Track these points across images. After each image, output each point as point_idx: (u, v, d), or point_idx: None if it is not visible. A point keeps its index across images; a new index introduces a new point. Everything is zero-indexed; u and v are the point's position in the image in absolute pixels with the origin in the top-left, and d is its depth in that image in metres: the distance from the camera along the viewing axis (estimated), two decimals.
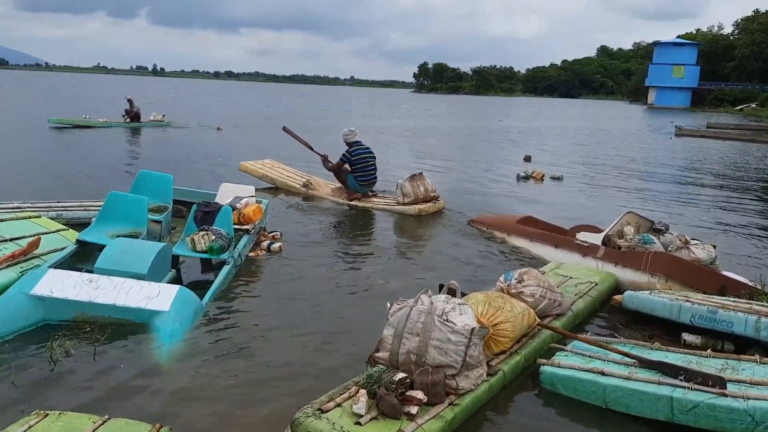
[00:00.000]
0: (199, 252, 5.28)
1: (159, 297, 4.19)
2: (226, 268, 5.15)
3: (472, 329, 3.31)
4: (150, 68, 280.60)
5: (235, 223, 5.80)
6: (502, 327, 3.71)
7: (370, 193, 9.04)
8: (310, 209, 8.65)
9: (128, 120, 19.61)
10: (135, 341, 3.96)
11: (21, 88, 51.97)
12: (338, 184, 9.19)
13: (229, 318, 4.49)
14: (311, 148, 9.56)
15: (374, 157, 9.02)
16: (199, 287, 4.86)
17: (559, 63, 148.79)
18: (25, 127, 17.56)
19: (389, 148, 17.58)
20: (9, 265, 4.43)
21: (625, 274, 5.44)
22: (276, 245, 6.20)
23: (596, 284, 5.12)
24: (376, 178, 9.05)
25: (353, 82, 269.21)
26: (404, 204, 8.37)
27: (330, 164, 9.09)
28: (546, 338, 4.10)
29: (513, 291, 4.19)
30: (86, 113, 19.64)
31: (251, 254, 5.96)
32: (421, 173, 8.69)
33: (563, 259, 5.92)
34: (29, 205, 6.57)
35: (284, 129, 10.08)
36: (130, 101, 20.00)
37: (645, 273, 5.26)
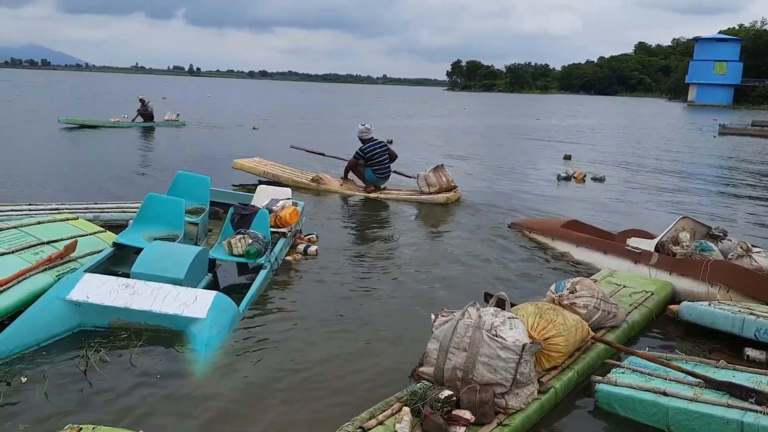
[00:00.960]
0: (235, 256, 5.18)
1: (195, 303, 4.08)
2: (262, 273, 5.03)
3: (524, 345, 3.10)
4: (186, 68, 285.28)
5: (271, 226, 5.69)
6: (555, 341, 3.49)
7: (382, 187, 9.44)
8: (337, 208, 8.58)
9: (141, 119, 19.34)
10: (171, 349, 3.85)
11: (60, 88, 53.23)
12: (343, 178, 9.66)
13: (265, 325, 4.36)
14: (323, 154, 10.30)
15: (387, 152, 9.42)
16: (235, 291, 4.77)
17: (595, 60, 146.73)
18: (52, 127, 17.75)
19: (427, 148, 17.38)
20: (46, 269, 4.38)
21: (681, 283, 5.14)
22: (312, 248, 6.06)
23: (652, 294, 4.85)
24: (390, 171, 9.52)
25: (385, 80, 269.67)
26: (431, 193, 8.87)
27: (350, 162, 9.53)
28: (600, 353, 3.86)
29: (565, 302, 3.96)
30: (124, 113, 19.81)
31: (288, 258, 5.84)
32: (442, 165, 9.24)
33: (612, 266, 5.64)
34: (67, 206, 6.57)
35: (292, 147, 10.82)
36: (142, 101, 19.74)
37: (704, 282, 4.96)
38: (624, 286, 4.98)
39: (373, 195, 9.15)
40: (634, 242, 5.76)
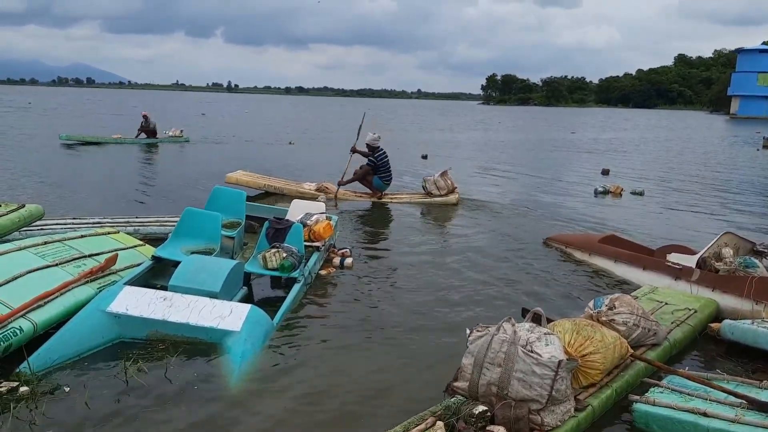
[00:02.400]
0: (270, 270, 5.23)
1: (231, 316, 4.13)
2: (296, 287, 5.07)
3: (560, 362, 3.04)
4: (224, 85, 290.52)
5: (305, 240, 5.73)
6: (592, 358, 3.41)
7: (385, 192, 10.16)
8: (361, 219, 8.65)
9: (139, 135, 18.93)
10: (206, 361, 3.90)
11: (103, 105, 54.76)
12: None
13: (299, 338, 4.39)
14: (356, 171, 10.34)
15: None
16: (269, 304, 4.80)
17: (633, 72, 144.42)
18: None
19: (462, 161, 17.36)
20: (88, 281, 4.49)
21: (725, 301, 4.98)
22: (348, 261, 6.10)
23: (695, 311, 4.71)
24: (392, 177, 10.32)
25: (420, 94, 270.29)
26: (441, 196, 9.87)
27: (361, 151, 10.22)
28: (639, 371, 3.76)
29: (603, 318, 3.87)
30: (166, 130, 20.19)
31: (321, 272, 5.87)
32: (447, 170, 10.16)
33: (652, 282, 5.51)
34: (108, 220, 6.74)
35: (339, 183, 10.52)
36: (145, 117, 19.30)
37: (748, 300, 4.79)
38: (665, 303, 4.85)
39: (384, 200, 9.89)
40: (674, 258, 5.62)
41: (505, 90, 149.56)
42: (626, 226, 8.72)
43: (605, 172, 15.24)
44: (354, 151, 10.34)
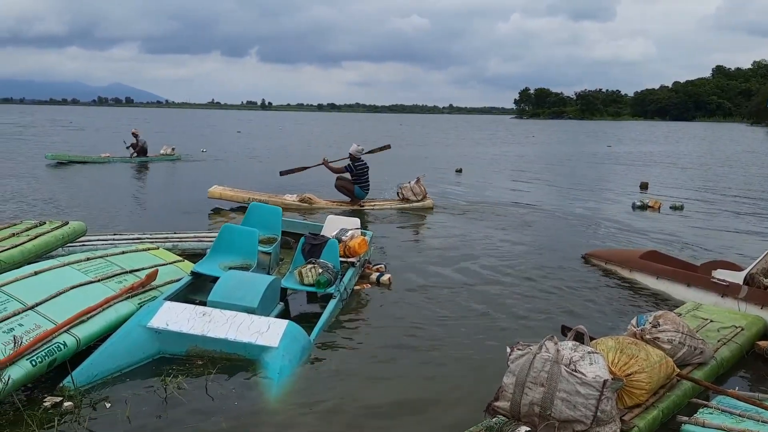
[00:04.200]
0: (306, 285, 5.25)
1: (268, 332, 4.14)
2: (332, 302, 5.07)
3: (605, 381, 2.96)
4: (258, 103, 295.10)
5: (340, 256, 5.73)
6: (637, 378, 3.31)
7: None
8: (392, 233, 8.70)
9: (134, 155, 18.69)
10: (245, 377, 3.91)
11: (145, 123, 56.09)
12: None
13: (336, 355, 4.37)
14: (308, 167, 11.34)
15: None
16: (306, 320, 4.81)
17: (670, 85, 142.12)
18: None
19: (495, 174, 17.26)
20: (129, 297, 4.56)
21: None
22: (385, 277, 6.07)
23: (742, 329, 4.54)
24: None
25: (452, 109, 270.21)
26: (418, 201, 10.68)
27: (334, 167, 10.85)
28: (686, 391, 3.63)
29: (648, 336, 3.77)
30: (202, 147, 20.53)
31: (356, 287, 5.86)
32: (419, 178, 10.98)
33: (696, 299, 5.35)
34: (148, 236, 6.86)
35: (281, 173, 11.69)
36: (135, 135, 19.07)
37: None
38: (711, 321, 4.70)
39: (367, 207, 10.53)
40: (720, 274, 5.45)
41: (539, 104, 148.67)
42: (667, 242, 8.52)
43: (643, 186, 14.96)
44: (325, 164, 10.98)
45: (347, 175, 10.70)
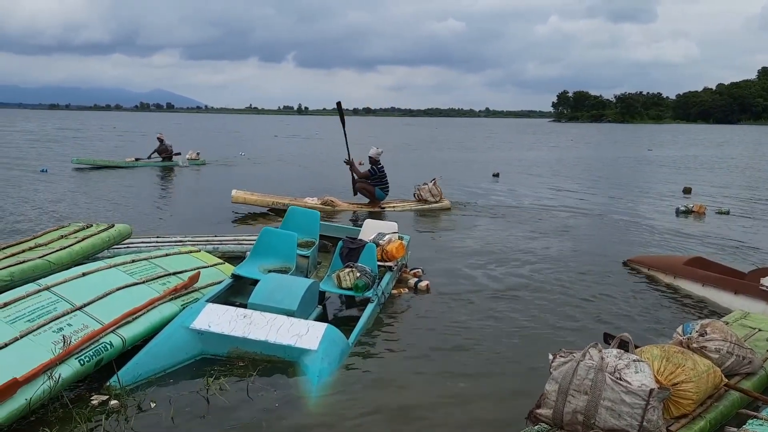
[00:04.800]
0: (344, 289, 5.27)
1: (308, 335, 4.17)
2: (370, 306, 5.08)
3: (651, 390, 2.89)
4: (295, 107, 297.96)
5: (378, 260, 5.74)
6: (684, 387, 3.22)
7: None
8: (427, 237, 8.71)
9: (160, 159, 18.86)
10: (285, 379, 3.95)
11: (181, 128, 57.26)
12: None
13: (374, 359, 4.38)
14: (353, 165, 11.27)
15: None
16: (343, 324, 4.82)
17: (713, 87, 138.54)
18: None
19: (534, 178, 17.07)
20: (172, 298, 4.65)
21: None
22: (423, 283, 6.04)
23: None
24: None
25: (488, 113, 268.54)
26: (436, 202, 10.97)
27: (359, 171, 11.15)
28: (735, 401, 3.52)
29: (694, 345, 3.67)
30: (241, 151, 20.82)
31: (393, 292, 5.86)
32: (438, 178, 11.44)
33: (745, 307, 5.19)
34: (190, 239, 6.99)
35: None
36: (160, 139, 19.17)
37: None
38: (759, 330, 4.54)
39: (387, 208, 10.76)
40: None
41: (577, 107, 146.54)
42: (712, 248, 8.29)
43: (687, 191, 14.59)
44: (348, 163, 11.19)
45: (368, 180, 11.05)
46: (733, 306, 5.36)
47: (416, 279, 6.16)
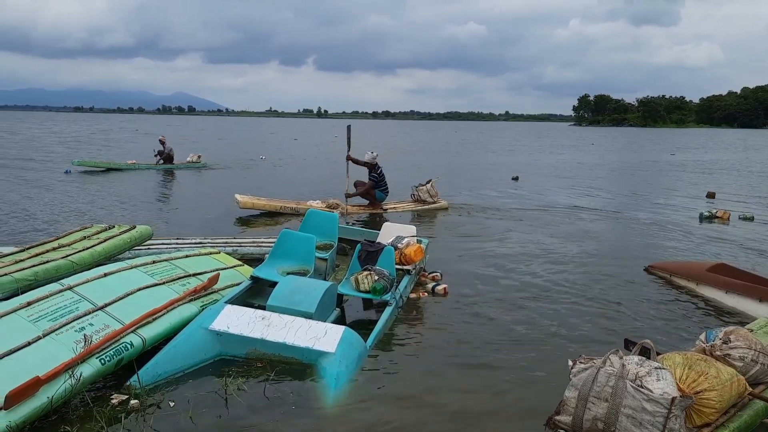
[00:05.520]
0: (362, 292, 5.27)
1: (326, 338, 4.17)
2: (388, 310, 5.07)
3: (673, 398, 2.84)
4: (315, 111, 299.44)
5: (396, 263, 5.73)
6: (707, 396, 3.16)
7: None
8: (444, 240, 8.63)
9: (161, 161, 18.87)
10: (302, 381, 3.95)
11: (201, 132, 57.79)
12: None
13: (392, 362, 4.37)
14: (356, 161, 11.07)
15: None
16: (361, 327, 4.82)
17: (738, 91, 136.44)
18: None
19: (554, 181, 16.92)
20: (192, 299, 4.68)
21: None
22: (441, 287, 6.01)
23: None
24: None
25: (507, 116, 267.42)
26: (434, 202, 11.43)
27: (361, 187, 11.06)
28: (759, 411, 3.45)
29: (718, 353, 3.60)
30: (262, 154, 20.94)
31: (411, 295, 5.84)
32: (435, 179, 11.80)
33: None
34: (209, 241, 7.04)
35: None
36: (162, 142, 19.22)
37: None
38: None
39: (389, 209, 10.95)
40: None
41: (598, 111, 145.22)
42: (736, 254, 8.14)
43: (710, 196, 14.37)
44: (349, 158, 10.87)
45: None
46: (758, 314, 5.26)
47: (434, 282, 6.15)
